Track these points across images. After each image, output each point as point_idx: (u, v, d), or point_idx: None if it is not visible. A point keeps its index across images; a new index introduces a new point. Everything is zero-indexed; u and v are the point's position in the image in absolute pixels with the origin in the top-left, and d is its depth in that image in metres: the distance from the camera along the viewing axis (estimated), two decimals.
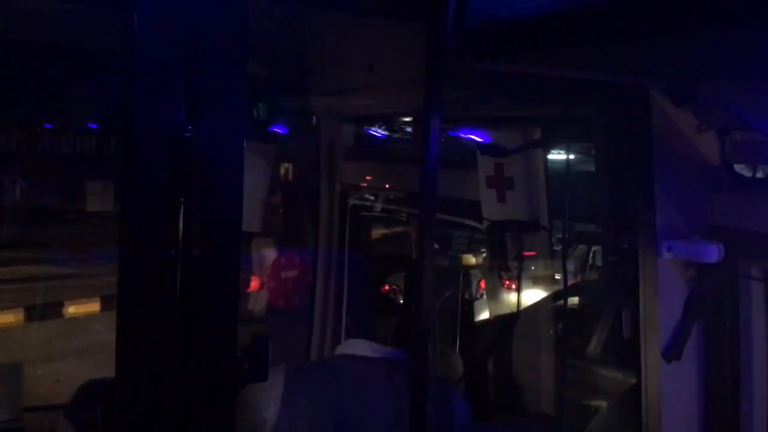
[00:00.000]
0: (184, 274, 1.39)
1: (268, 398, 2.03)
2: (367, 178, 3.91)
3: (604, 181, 2.42)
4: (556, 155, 3.29)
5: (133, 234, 1.38)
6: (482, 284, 9.57)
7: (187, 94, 1.41)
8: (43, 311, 8.75)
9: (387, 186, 4.14)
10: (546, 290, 6.61)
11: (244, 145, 1.49)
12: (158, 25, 1.37)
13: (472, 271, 9.62)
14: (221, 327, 1.45)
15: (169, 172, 1.38)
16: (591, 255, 10.50)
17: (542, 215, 3.30)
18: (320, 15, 2.59)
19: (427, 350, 1.75)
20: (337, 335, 4.02)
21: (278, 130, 3.92)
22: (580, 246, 10.36)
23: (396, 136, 3.58)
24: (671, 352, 2.25)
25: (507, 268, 8.59)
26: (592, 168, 2.57)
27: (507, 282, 8.86)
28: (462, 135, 3.10)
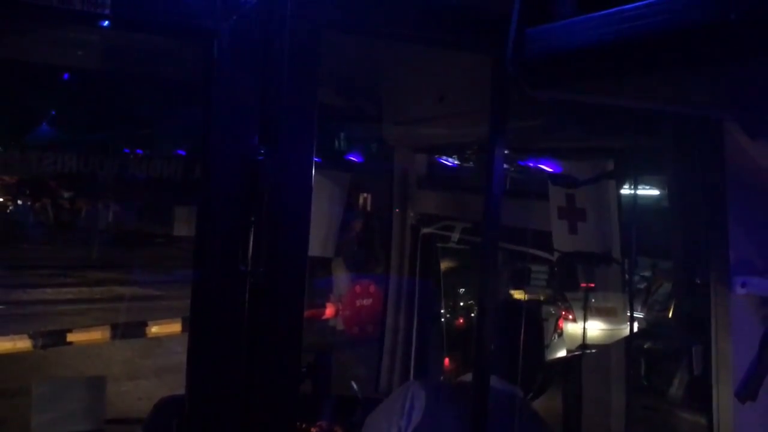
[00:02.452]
0: (253, 290, 1.47)
1: (410, 407, 2.05)
2: (440, 207, 3.94)
3: (676, 214, 2.37)
4: (629, 187, 3.24)
5: (207, 249, 1.47)
6: (561, 323, 9.38)
7: (261, 121, 1.50)
8: (128, 330, 9.10)
9: (459, 215, 4.15)
10: (609, 324, 6.42)
11: (313, 169, 1.56)
12: (235, 57, 1.48)
13: (550, 309, 9.45)
14: (286, 341, 1.51)
15: (241, 193, 1.47)
16: (656, 288, 10.14)
17: (614, 247, 3.25)
18: (395, 48, 2.67)
19: (488, 381, 1.76)
20: (406, 365, 4.02)
21: (354, 159, 4.02)
22: (656, 279, 10.03)
23: (467, 165, 3.60)
24: (745, 392, 2.17)
25: (564, 298, 8.40)
26: (665, 200, 2.53)
27: (564, 312, 8.67)
28: (533, 165, 3.10)
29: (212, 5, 1.43)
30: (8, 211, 28.66)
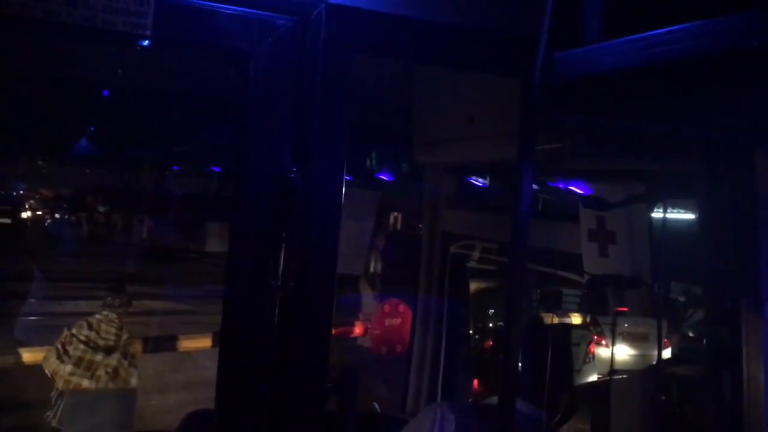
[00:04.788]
0: (282, 305, 1.50)
1: (440, 430, 2.04)
2: (468, 227, 3.95)
3: (706, 239, 2.36)
4: (660, 210, 3.22)
5: (239, 263, 1.51)
6: (592, 348, 9.26)
7: (293, 140, 1.54)
8: (159, 344, 9.23)
9: (487, 235, 4.16)
10: (640, 350, 6.31)
11: (344, 187, 1.60)
12: (269, 77, 1.52)
13: (581, 333, 9.34)
14: (314, 356, 1.54)
15: (273, 209, 1.52)
16: (690, 314, 9.97)
17: (645, 271, 3.23)
18: (425, 70, 2.71)
19: (514, 405, 1.76)
20: (434, 386, 4.01)
21: (384, 177, 4.05)
22: (690, 305, 9.87)
23: (496, 186, 3.62)
24: None
25: (596, 323, 8.29)
26: (695, 225, 2.51)
27: (596, 337, 8.54)
28: (563, 186, 3.10)
29: (249, 28, 1.48)
30: (45, 224, 29.31)
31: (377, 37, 1.58)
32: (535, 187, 1.87)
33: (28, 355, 7.81)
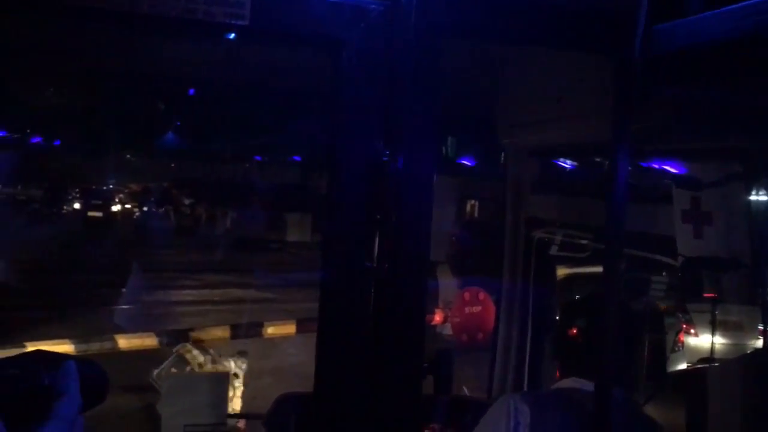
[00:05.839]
0: (378, 286, 1.53)
1: (516, 424, 2.03)
2: (553, 211, 3.88)
3: None
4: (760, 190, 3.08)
5: (334, 247, 1.54)
6: (681, 337, 8.97)
7: (385, 124, 1.56)
8: (246, 330, 9.47)
9: (574, 220, 4.08)
10: (733, 339, 6.01)
11: (435, 170, 1.61)
12: (361, 63, 1.54)
13: (670, 320, 9.06)
14: (410, 337, 1.56)
15: (367, 193, 1.54)
16: None
17: (742, 253, 3.10)
18: (511, 50, 2.67)
19: (610, 393, 1.73)
20: (519, 372, 3.98)
21: (466, 163, 4.02)
22: None
23: (585, 167, 3.54)
24: None
25: (685, 310, 7.96)
26: None
27: (685, 325, 8.21)
28: (656, 166, 3.01)
29: (341, 16, 1.50)
30: (134, 217, 30.57)
31: (468, 19, 1.57)
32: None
33: (123, 342, 8.18)
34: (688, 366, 8.31)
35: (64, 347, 7.05)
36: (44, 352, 0.96)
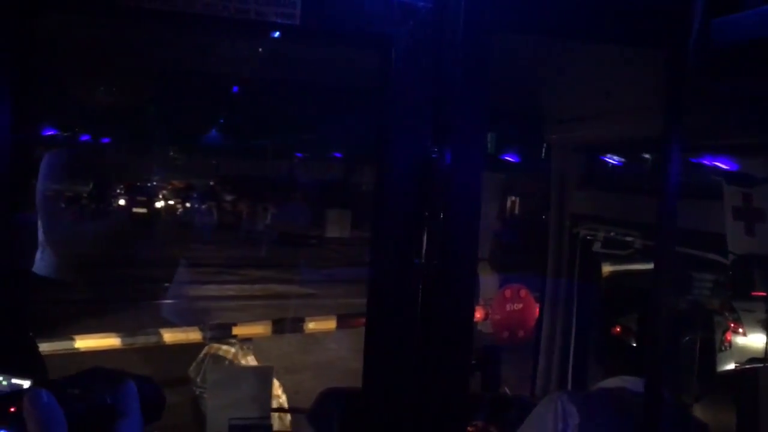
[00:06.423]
0: (426, 282, 1.53)
1: (564, 426, 2.02)
2: (599, 208, 3.83)
3: None
4: None
5: (383, 243, 1.55)
6: (728, 336, 8.79)
7: (434, 121, 1.56)
8: (287, 326, 9.56)
9: (620, 217, 4.02)
10: None
11: (483, 167, 1.60)
12: (410, 59, 1.55)
13: (717, 319, 8.89)
14: (458, 333, 1.56)
15: (415, 189, 1.54)
16: None
17: None
18: (558, 45, 2.64)
19: (661, 393, 1.70)
20: (563, 370, 3.94)
21: (510, 159, 3.99)
22: None
23: (632, 163, 3.48)
24: None
25: (732, 309, 7.75)
26: None
27: (733, 324, 8.01)
28: (706, 162, 2.94)
29: (390, 12, 1.51)
30: (177, 213, 31.04)
31: (517, 14, 1.57)
32: None
33: (168, 336, 8.32)
34: (736, 366, 8.14)
35: (111, 341, 7.19)
36: (103, 370, 0.96)
